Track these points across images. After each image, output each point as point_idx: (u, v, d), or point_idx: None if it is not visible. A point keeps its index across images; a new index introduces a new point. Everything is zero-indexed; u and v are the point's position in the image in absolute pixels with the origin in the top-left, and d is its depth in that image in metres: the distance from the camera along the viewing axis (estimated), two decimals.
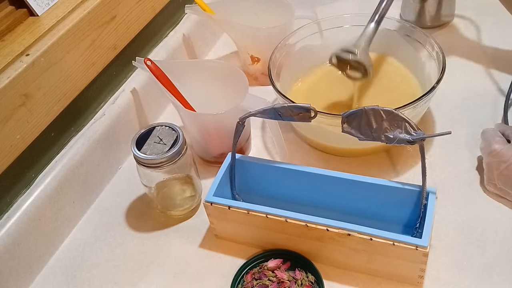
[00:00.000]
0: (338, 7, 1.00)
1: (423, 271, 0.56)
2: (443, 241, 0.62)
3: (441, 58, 0.71)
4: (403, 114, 0.54)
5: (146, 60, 0.70)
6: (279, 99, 0.71)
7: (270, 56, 0.76)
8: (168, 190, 0.69)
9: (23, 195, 0.64)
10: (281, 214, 0.58)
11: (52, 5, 0.69)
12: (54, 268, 0.66)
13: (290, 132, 0.78)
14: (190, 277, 0.63)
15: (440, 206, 0.65)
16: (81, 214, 0.71)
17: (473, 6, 0.97)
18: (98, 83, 0.75)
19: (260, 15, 0.88)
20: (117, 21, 0.75)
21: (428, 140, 0.74)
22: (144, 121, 0.81)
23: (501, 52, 0.87)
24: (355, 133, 0.57)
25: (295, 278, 0.59)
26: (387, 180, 0.60)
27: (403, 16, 0.95)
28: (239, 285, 0.60)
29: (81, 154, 0.69)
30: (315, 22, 0.81)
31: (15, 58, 0.62)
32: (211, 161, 0.75)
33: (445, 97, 0.79)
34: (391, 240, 0.54)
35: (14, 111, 0.61)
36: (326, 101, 0.78)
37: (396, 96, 0.76)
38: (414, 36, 0.77)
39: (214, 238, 0.66)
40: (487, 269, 0.59)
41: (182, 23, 0.92)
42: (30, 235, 0.63)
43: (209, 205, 0.61)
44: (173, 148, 0.62)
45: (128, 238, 0.68)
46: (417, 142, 0.54)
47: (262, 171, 0.65)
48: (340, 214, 0.60)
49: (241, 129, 0.63)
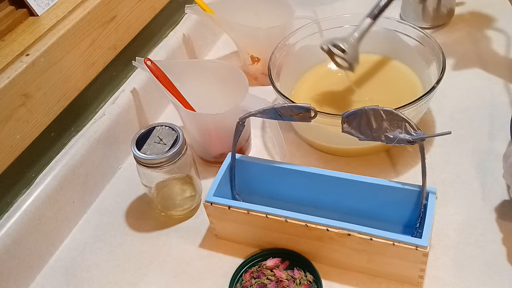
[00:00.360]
0: (338, 7, 1.00)
1: (423, 271, 0.56)
2: (443, 241, 0.62)
3: (441, 58, 0.71)
4: (403, 114, 0.54)
5: (146, 60, 0.70)
6: (279, 99, 0.71)
7: (270, 56, 0.76)
8: (168, 190, 0.69)
9: (23, 195, 0.64)
10: (281, 214, 0.58)
11: (52, 5, 0.69)
12: (54, 268, 0.66)
13: (290, 132, 0.78)
14: (190, 277, 0.63)
15: (440, 206, 0.65)
16: (81, 214, 0.71)
17: (473, 6, 0.97)
18: (98, 83, 0.75)
19: (260, 15, 0.88)
20: (117, 21, 0.75)
21: (428, 140, 0.74)
22: (144, 121, 0.81)
23: (501, 52, 0.87)
24: (355, 133, 0.57)
25: (294, 277, 0.59)
26: (387, 180, 0.60)
27: (403, 16, 0.95)
28: (237, 284, 0.60)
29: (81, 154, 0.69)
30: (315, 22, 0.81)
31: (15, 58, 0.62)
32: (211, 161, 0.75)
33: (445, 97, 0.79)
34: (391, 240, 0.54)
35: (14, 111, 0.61)
36: (326, 101, 0.78)
37: (396, 96, 0.76)
38: (414, 36, 0.77)
39: (214, 238, 0.66)
40: (487, 269, 0.59)
41: (182, 23, 0.92)
42: (30, 235, 0.63)
43: (209, 205, 0.61)
44: (173, 148, 0.62)
45: (128, 238, 0.68)
46: (417, 142, 0.54)
47: (262, 171, 0.65)
48: (340, 214, 0.60)
49: (241, 129, 0.63)
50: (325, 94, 0.80)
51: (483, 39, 0.90)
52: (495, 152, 0.71)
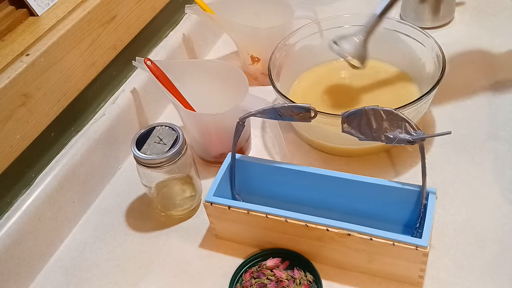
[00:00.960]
0: (338, 7, 1.00)
1: (423, 271, 0.56)
2: (443, 241, 0.62)
3: (441, 58, 0.71)
4: (403, 114, 0.54)
5: (146, 60, 0.70)
6: (279, 99, 0.71)
7: (270, 56, 0.76)
8: (168, 190, 0.69)
9: (23, 195, 0.64)
10: (281, 214, 0.58)
11: (52, 5, 0.69)
12: (54, 268, 0.66)
13: (290, 132, 0.78)
14: (190, 277, 0.63)
15: (440, 206, 0.65)
16: (81, 214, 0.71)
17: (473, 6, 0.97)
18: (98, 83, 0.75)
19: (260, 15, 0.88)
20: (117, 21, 0.75)
21: (428, 140, 0.74)
22: (144, 121, 0.81)
23: (501, 52, 0.87)
24: (355, 133, 0.57)
25: (294, 277, 0.59)
26: (387, 180, 0.60)
27: (403, 16, 0.95)
28: (237, 284, 0.60)
29: (81, 154, 0.69)
30: (315, 22, 0.81)
31: (15, 58, 0.62)
32: (211, 161, 0.75)
33: (445, 97, 0.79)
34: (391, 240, 0.54)
35: (14, 111, 0.61)
36: (326, 101, 0.78)
37: (396, 96, 0.76)
38: (414, 36, 0.77)
39: (214, 238, 0.66)
40: (487, 269, 0.59)
41: (182, 23, 0.92)
42: (30, 235, 0.63)
43: (209, 205, 0.61)
44: (173, 148, 0.62)
45: (128, 238, 0.68)
46: (417, 142, 0.54)
47: (262, 171, 0.65)
48: (340, 214, 0.60)
49: (241, 129, 0.63)
50: (325, 94, 0.80)
51: (483, 39, 0.89)
52: (495, 152, 0.71)
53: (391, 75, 0.81)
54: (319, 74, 0.83)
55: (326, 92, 0.80)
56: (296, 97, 0.78)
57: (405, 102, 0.64)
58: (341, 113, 0.56)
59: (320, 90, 0.80)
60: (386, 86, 0.79)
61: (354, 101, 0.77)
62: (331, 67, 0.84)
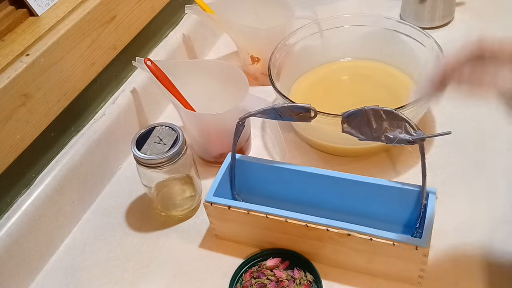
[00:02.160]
0: (338, 7, 1.00)
1: (423, 271, 0.56)
2: (443, 241, 0.62)
3: (441, 58, 0.71)
4: (403, 114, 0.54)
5: (146, 60, 0.70)
6: (279, 99, 0.71)
7: (270, 56, 0.76)
8: (168, 190, 0.69)
9: (23, 195, 0.64)
10: (281, 214, 0.58)
11: (52, 5, 0.69)
12: (54, 268, 0.66)
13: (290, 132, 0.78)
14: (190, 277, 0.63)
15: (440, 206, 0.65)
16: (81, 214, 0.71)
17: (473, 6, 0.97)
18: (98, 83, 0.75)
19: (260, 15, 0.88)
20: (117, 21, 0.75)
21: (428, 140, 0.73)
22: (144, 121, 0.81)
23: None
24: (355, 133, 0.57)
25: (294, 277, 0.59)
26: (387, 180, 0.60)
27: (403, 16, 0.95)
28: (237, 284, 0.60)
29: (81, 154, 0.69)
30: (315, 22, 0.81)
31: (15, 58, 0.62)
32: (211, 161, 0.75)
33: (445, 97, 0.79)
34: (391, 240, 0.54)
35: (14, 111, 0.61)
36: (326, 101, 0.78)
37: (396, 96, 0.76)
38: (414, 36, 0.77)
39: (214, 238, 0.66)
40: (487, 269, 0.59)
41: (182, 23, 0.92)
42: (30, 235, 0.63)
43: (209, 205, 0.61)
44: (173, 148, 0.62)
45: (128, 238, 0.68)
46: (417, 142, 0.54)
47: (262, 171, 0.65)
48: (340, 214, 0.60)
49: (241, 129, 0.63)
50: (325, 94, 0.80)
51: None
52: (495, 152, 0.71)
53: (391, 75, 0.81)
54: (319, 74, 0.83)
55: (326, 92, 0.80)
56: (296, 97, 0.78)
57: (405, 102, 0.64)
58: (341, 113, 0.56)
59: (320, 90, 0.80)
60: (386, 86, 0.79)
61: (354, 101, 0.77)
62: (331, 67, 0.84)
